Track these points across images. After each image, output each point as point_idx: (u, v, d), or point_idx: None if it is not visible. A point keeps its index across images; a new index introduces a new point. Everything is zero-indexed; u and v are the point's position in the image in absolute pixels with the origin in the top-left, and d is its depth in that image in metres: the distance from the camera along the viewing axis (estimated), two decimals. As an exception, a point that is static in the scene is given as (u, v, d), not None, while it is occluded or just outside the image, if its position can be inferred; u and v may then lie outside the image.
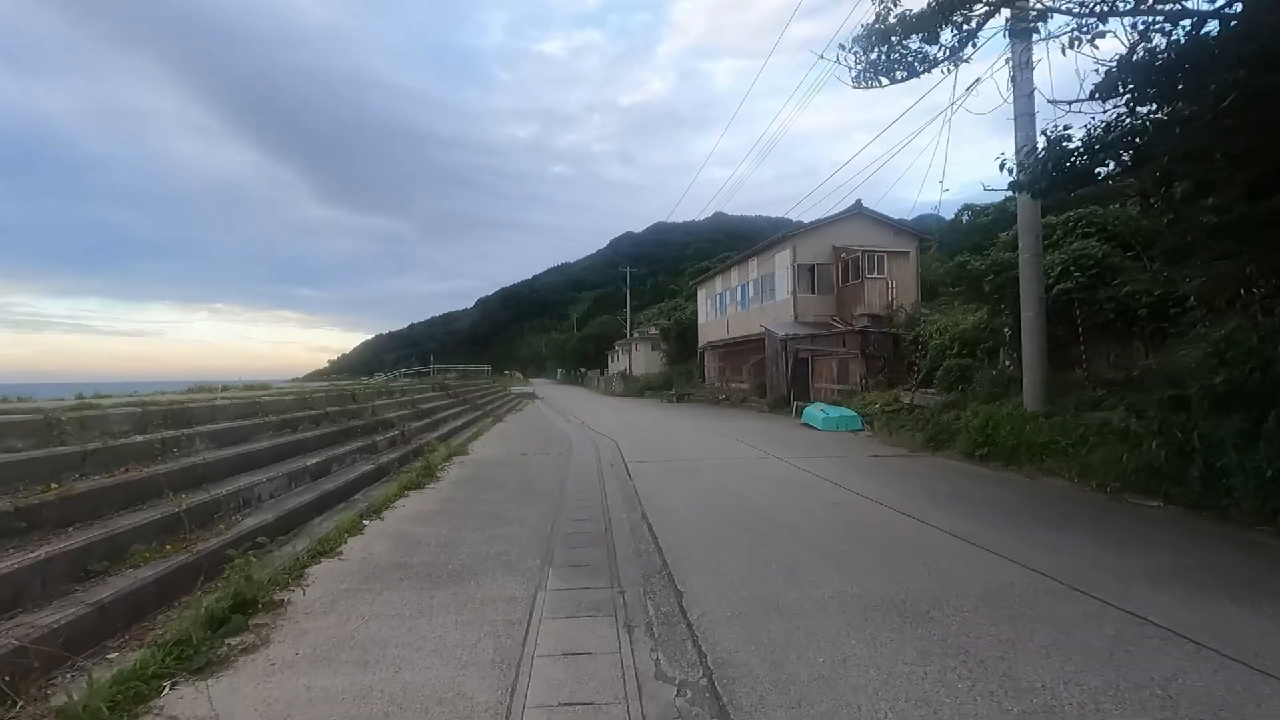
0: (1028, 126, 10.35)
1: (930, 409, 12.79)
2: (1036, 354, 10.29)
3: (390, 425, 11.10)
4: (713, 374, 37.81)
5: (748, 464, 10.08)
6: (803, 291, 27.70)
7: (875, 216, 28.22)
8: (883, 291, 25.85)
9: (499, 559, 5.11)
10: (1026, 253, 10.47)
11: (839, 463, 10.03)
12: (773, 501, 7.06)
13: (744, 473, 9.17)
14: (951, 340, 16.95)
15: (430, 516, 6.66)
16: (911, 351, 20.01)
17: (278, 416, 7.64)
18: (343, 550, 5.31)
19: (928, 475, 8.85)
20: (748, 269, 32.59)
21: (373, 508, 6.82)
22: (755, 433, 15.35)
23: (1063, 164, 6.15)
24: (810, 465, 9.68)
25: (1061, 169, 6.18)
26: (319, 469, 7.22)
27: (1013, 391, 11.80)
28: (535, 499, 7.55)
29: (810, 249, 27.84)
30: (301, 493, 6.35)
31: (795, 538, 5.54)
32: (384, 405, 12.19)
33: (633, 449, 12.26)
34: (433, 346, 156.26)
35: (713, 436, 14.68)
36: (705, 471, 9.35)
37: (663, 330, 48.49)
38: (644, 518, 6.48)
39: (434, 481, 8.75)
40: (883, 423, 14.16)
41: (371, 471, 8.18)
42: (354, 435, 9.18)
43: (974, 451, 9.82)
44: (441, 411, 15.91)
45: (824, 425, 15.61)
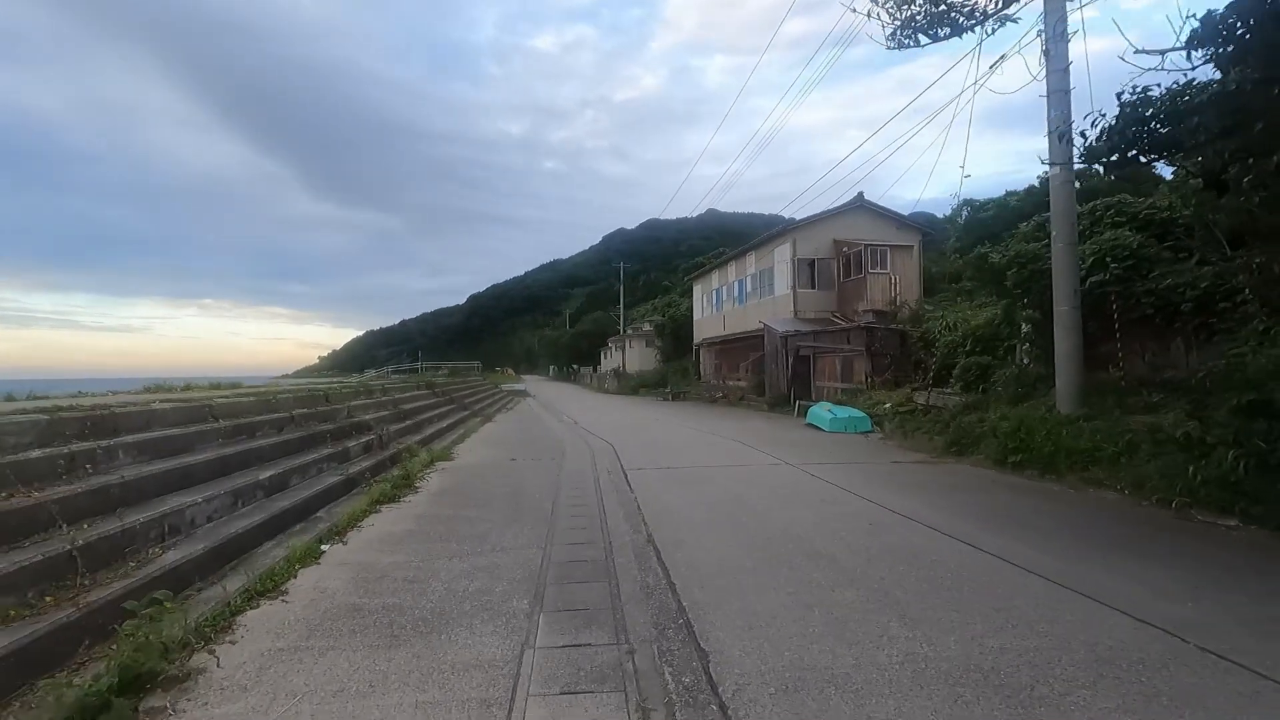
0: (1063, 104, 9.50)
1: (949, 410, 11.96)
2: (1071, 352, 9.46)
3: (366, 428, 10.14)
4: (708, 371, 36.96)
5: (758, 472, 9.20)
6: (803, 287, 26.89)
7: (877, 210, 27.45)
8: (886, 287, 25.07)
9: (478, 599, 4.20)
10: (1060, 242, 9.63)
11: (859, 471, 9.17)
12: (798, 521, 6.18)
13: (757, 483, 8.29)
14: (964, 337, 16.17)
15: (402, 539, 5.74)
16: (919, 349, 19.23)
17: (229, 422, 6.68)
18: (288, 588, 4.38)
19: (961, 486, 7.99)
20: (745, 264, 31.75)
21: (336, 528, 5.88)
22: (759, 434, 14.49)
23: (1140, 130, 5.29)
24: (829, 474, 8.81)
25: (1140, 136, 5.32)
26: (275, 482, 6.27)
27: (1040, 392, 11.00)
28: (524, 516, 6.63)
29: (810, 243, 27.02)
30: (249, 513, 5.41)
31: (836, 572, 4.65)
32: (361, 406, 11.22)
33: (631, 453, 11.36)
34: (424, 343, 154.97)
35: (714, 438, 13.80)
36: (713, 481, 8.46)
37: (657, 327, 47.57)
38: (650, 540, 5.58)
39: (411, 493, 7.82)
40: (895, 424, 13.33)
41: (339, 483, 7.23)
42: (322, 441, 8.23)
43: (1006, 458, 8.98)
44: (426, 412, 14.94)
45: (831, 426, 14.77)
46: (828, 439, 13.47)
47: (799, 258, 26.80)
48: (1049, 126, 9.65)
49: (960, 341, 16.21)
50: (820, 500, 7.08)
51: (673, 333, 44.27)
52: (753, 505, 6.90)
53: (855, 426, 14.67)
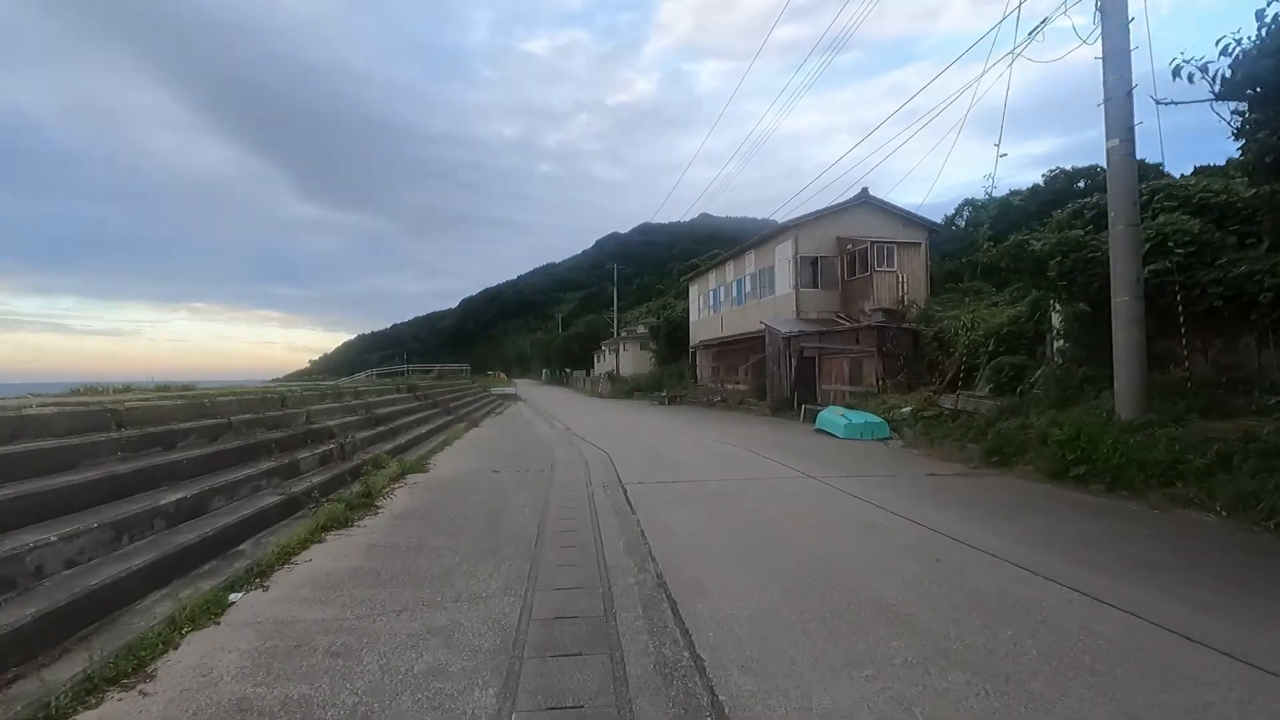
0: (1122, 66, 8.35)
1: (982, 415, 10.77)
2: (1133, 348, 8.29)
3: (328, 436, 8.85)
4: (706, 374, 35.77)
5: (777, 487, 7.97)
6: (805, 286, 25.76)
7: (882, 206, 26.40)
8: (892, 286, 23.99)
9: (424, 689, 2.94)
10: (1120, 224, 8.46)
11: (893, 485, 7.96)
12: (843, 554, 4.94)
13: (779, 501, 7.05)
14: (986, 336, 15.04)
15: (342, 582, 4.46)
16: (933, 350, 18.10)
17: (138, 431, 5.39)
18: (157, 669, 3.10)
19: (1021, 505, 6.78)
20: (744, 263, 30.61)
21: (258, 567, 4.60)
22: (769, 442, 13.26)
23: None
24: (860, 489, 7.59)
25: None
26: (187, 507, 4.98)
27: (1087, 394, 9.84)
28: (503, 546, 5.37)
29: (813, 240, 25.91)
30: (134, 552, 4.12)
31: (920, 638, 3.41)
32: (325, 411, 9.92)
33: (629, 463, 10.10)
34: (416, 346, 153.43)
35: (719, 446, 12.57)
36: (726, 498, 7.22)
37: (652, 329, 46.34)
38: (660, 583, 4.34)
39: (369, 515, 6.53)
40: (918, 431, 12.13)
41: (278, 505, 5.94)
42: (265, 452, 6.93)
43: (1066, 470, 7.78)
44: (404, 417, 13.63)
45: (846, 433, 13.57)
46: (844, 446, 12.26)
47: (801, 255, 25.67)
48: (1105, 93, 8.50)
49: (982, 341, 15.09)
50: (862, 524, 5.85)
51: (668, 335, 43.05)
52: (781, 531, 5.66)
53: (872, 433, 13.47)
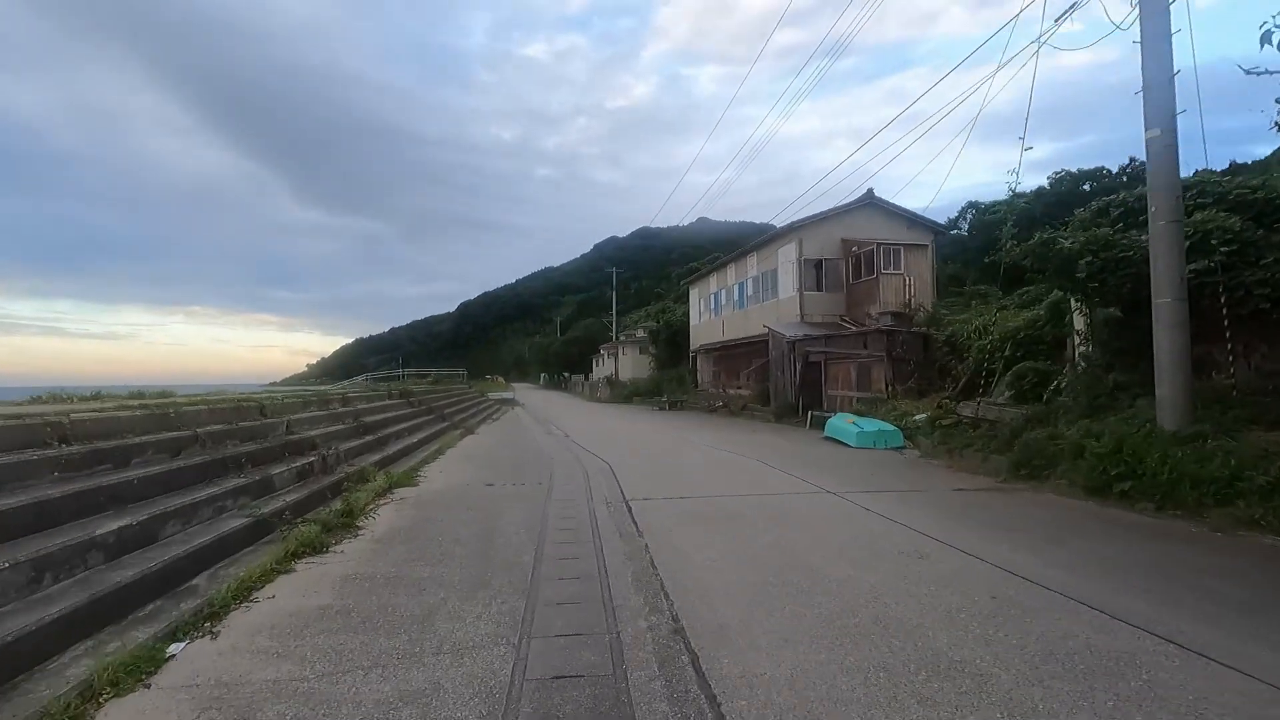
0: (1163, 51, 7.78)
1: (1006, 424, 10.16)
2: (1177, 353, 7.69)
3: (309, 448, 8.21)
4: (706, 379, 35.18)
5: (796, 504, 7.34)
6: (809, 289, 25.20)
7: (888, 207, 25.90)
8: (899, 288, 23.46)
9: (390, 785, 2.32)
10: (1161, 219, 7.87)
11: (921, 502, 7.34)
12: (886, 590, 4.31)
13: (800, 521, 6.41)
14: (1002, 340, 14.46)
15: (305, 626, 3.83)
16: (944, 354, 17.52)
17: (83, 447, 4.75)
18: (54, 759, 2.49)
19: (1068, 527, 6.15)
20: (746, 265, 30.05)
21: (210, 608, 3.97)
22: (775, 450, 12.64)
23: None
24: (886, 507, 6.97)
25: None
26: (134, 535, 4.35)
27: (1121, 402, 9.24)
28: (494, 577, 4.74)
29: (817, 242, 25.37)
30: (56, 596, 3.49)
31: (1001, 708, 2.79)
32: (308, 420, 9.28)
33: (632, 476, 9.47)
34: (414, 350, 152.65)
35: (726, 455, 11.94)
36: (743, 519, 6.59)
37: (651, 332, 45.74)
38: (679, 632, 3.70)
39: (348, 538, 5.90)
40: (936, 440, 11.53)
41: (244, 529, 5.30)
42: (235, 468, 6.29)
43: (1106, 486, 7.18)
44: (395, 425, 12.99)
45: (858, 441, 12.96)
46: (857, 456, 11.65)
47: (805, 258, 25.12)
48: (1144, 79, 7.93)
49: (998, 345, 14.51)
50: (899, 552, 5.22)
51: (668, 339, 42.47)
52: (809, 560, 5.03)
53: (886, 441, 12.87)
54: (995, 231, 37.65)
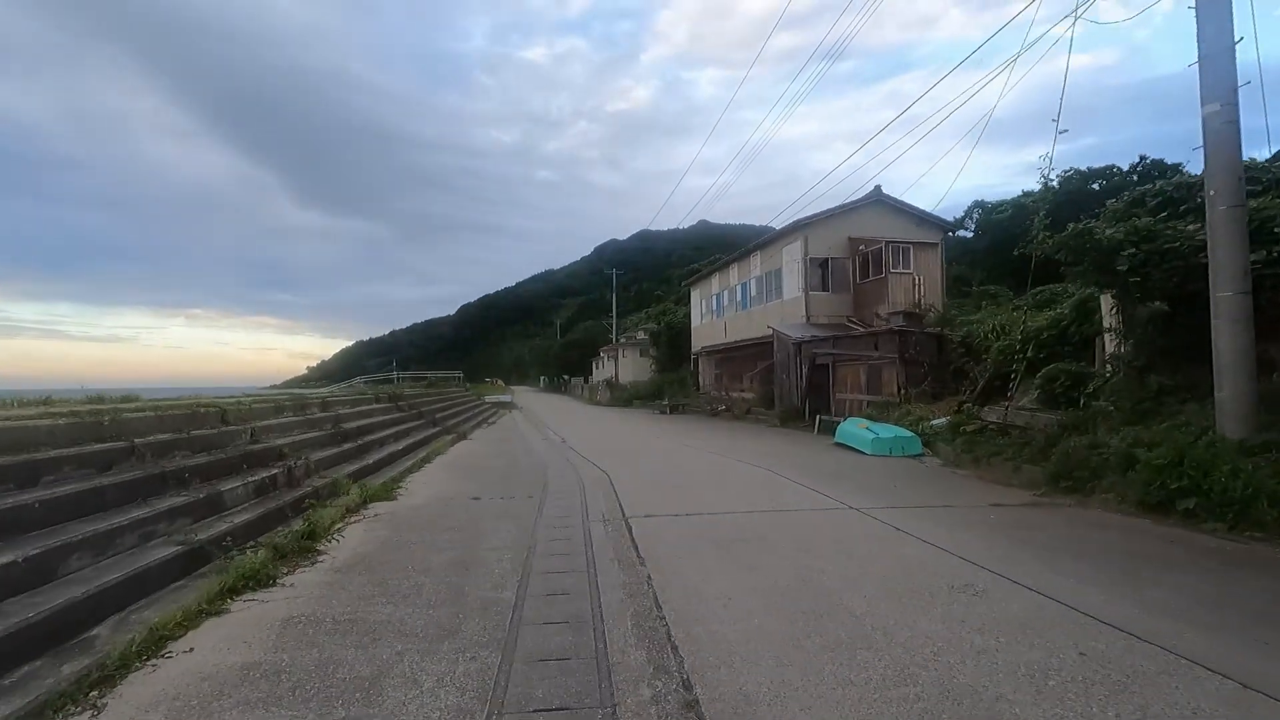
0: (1221, 14, 6.99)
1: (1039, 430, 9.35)
2: (1240, 353, 6.88)
3: (274, 458, 7.41)
4: (708, 381, 34.38)
5: (819, 523, 6.53)
6: (815, 289, 24.43)
7: (896, 205, 25.14)
8: (909, 288, 22.69)
9: None
10: (1222, 204, 7.05)
11: (960, 521, 6.51)
12: (946, 649, 3.47)
13: (827, 547, 5.58)
14: (1024, 341, 13.66)
15: (221, 694, 3.01)
16: (959, 356, 16.72)
17: (-26, 463, 3.96)
18: None
19: (1143, 555, 5.31)
20: (749, 265, 29.27)
21: (103, 669, 3.15)
22: (786, 458, 11.83)
23: None
24: (922, 527, 6.14)
25: None
26: (21, 574, 3.54)
27: (1168, 406, 8.44)
28: (466, 622, 3.92)
29: (823, 241, 24.60)
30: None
31: None
32: (277, 427, 8.48)
33: (633, 487, 8.66)
34: (414, 353, 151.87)
35: (734, 464, 11.13)
36: (761, 542, 5.77)
37: (652, 335, 44.97)
38: (693, 706, 2.88)
39: (304, 567, 5.09)
40: (959, 447, 10.72)
41: (172, 560, 4.48)
42: (176, 484, 5.48)
43: (1165, 502, 6.37)
44: (380, 431, 12.18)
45: (873, 449, 12.14)
46: (874, 465, 10.83)
47: (811, 257, 24.34)
48: (1200, 49, 7.14)
49: (1020, 346, 13.71)
50: (949, 587, 4.40)
51: (669, 341, 41.68)
52: (844, 599, 4.20)
53: (903, 448, 12.06)
54: (1004, 230, 36.92)
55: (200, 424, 6.89)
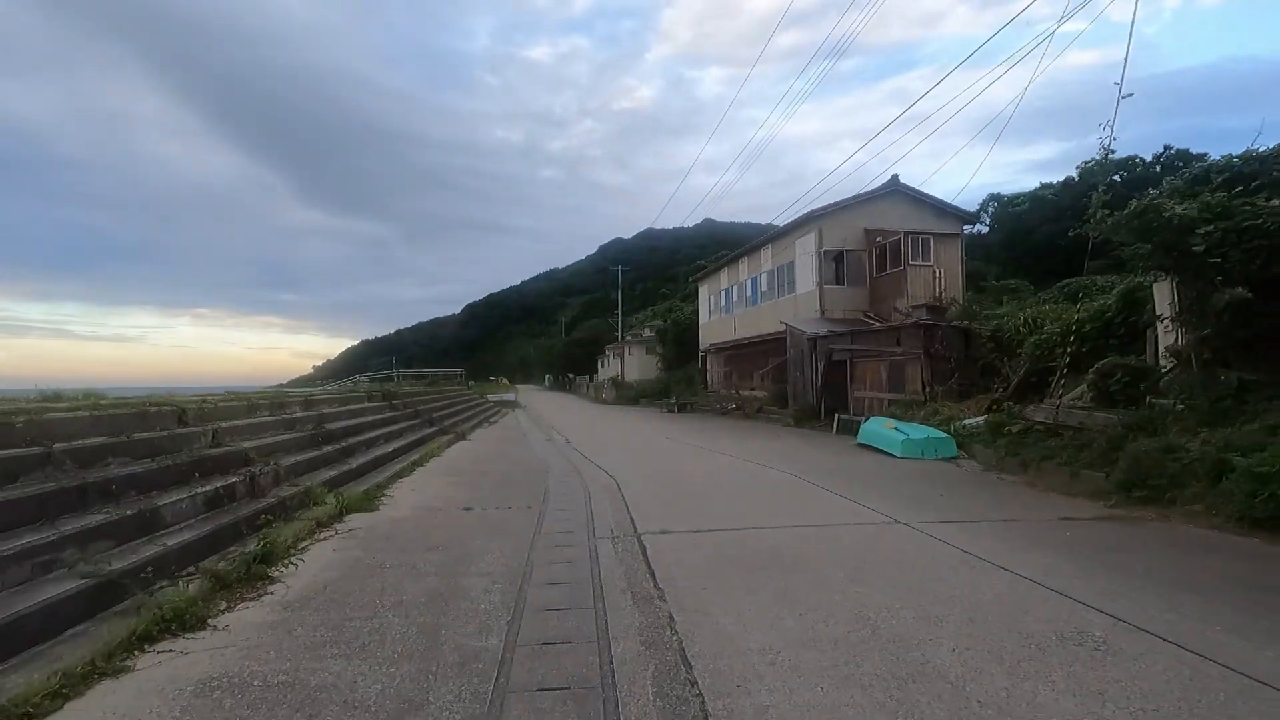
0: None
1: (1097, 432, 8.36)
2: (1357, 343, 5.90)
3: (237, 464, 6.50)
4: (717, 379, 33.42)
5: (870, 541, 5.56)
6: (829, 282, 23.42)
7: (914, 195, 24.11)
8: (928, 281, 21.66)
9: None
10: (1333, 168, 6.05)
11: (1034, 539, 5.53)
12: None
13: (891, 576, 4.58)
14: (1063, 334, 12.67)
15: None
16: (988, 351, 15.71)
17: None
18: None
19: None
20: (760, 259, 28.28)
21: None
22: (810, 461, 10.86)
23: None
24: (997, 550, 5.16)
25: None
26: None
27: (1251, 404, 7.44)
28: (435, 688, 2.97)
29: (838, 232, 23.59)
30: None
31: None
32: (245, 429, 7.56)
33: (644, 496, 7.72)
34: (419, 352, 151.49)
35: (755, 468, 10.18)
36: (804, 567, 4.81)
37: (659, 332, 44.00)
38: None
39: (248, 601, 4.16)
40: (1001, 449, 9.73)
41: (71, 598, 3.56)
42: (100, 498, 4.56)
43: (1274, 518, 5.39)
44: (369, 432, 11.28)
45: (904, 451, 11.16)
46: (908, 470, 9.85)
47: (825, 249, 23.33)
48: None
49: (1059, 339, 12.71)
50: (1058, 636, 3.43)
51: (675, 338, 40.70)
52: (929, 655, 3.23)
53: (936, 451, 11.07)
54: (1020, 224, 35.76)
55: (150, 425, 5.98)
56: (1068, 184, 36.50)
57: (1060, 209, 35.21)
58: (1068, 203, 35.34)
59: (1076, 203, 35.50)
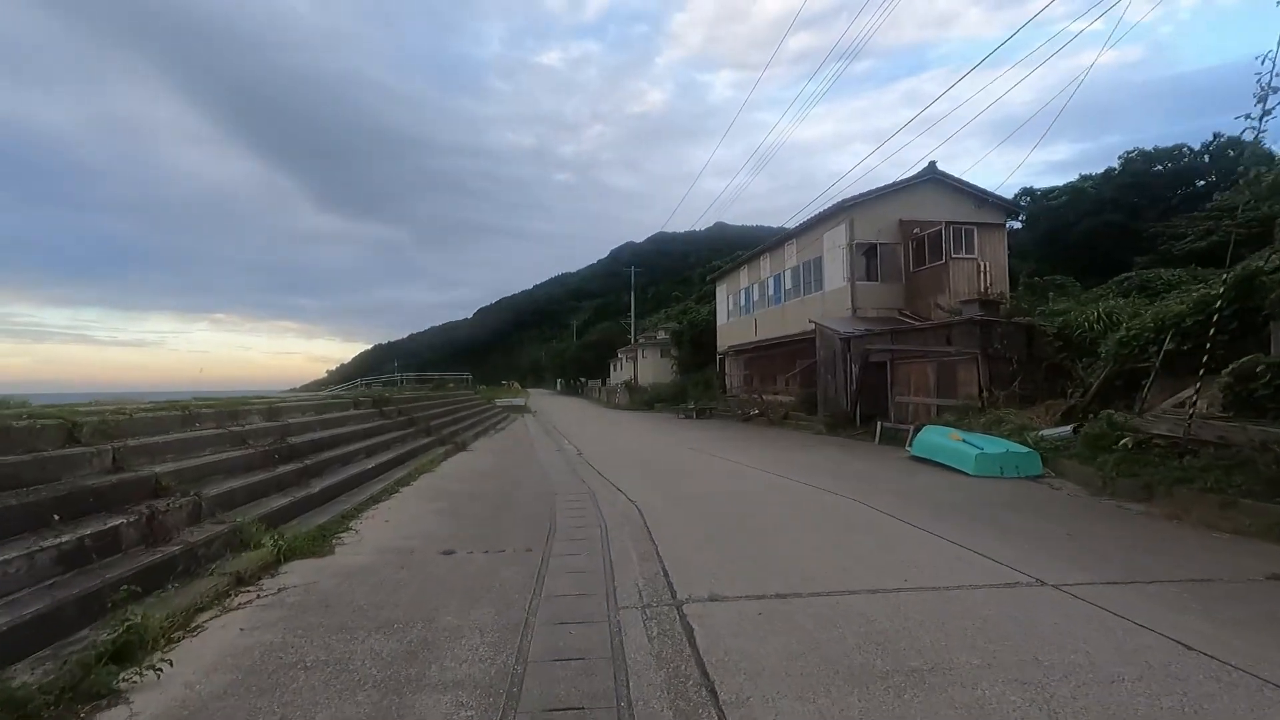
0: None
1: (1256, 448, 6.54)
2: None
3: (142, 495, 4.86)
4: (736, 383, 31.64)
5: (1028, 626, 3.80)
6: (861, 278, 21.64)
7: (954, 183, 22.30)
8: (972, 276, 19.84)
9: None
10: None
11: (1265, 619, 3.78)
12: None
13: (1111, 708, 2.88)
14: (1156, 330, 10.86)
15: None
16: (1054, 351, 13.85)
17: None
18: None
19: None
20: (783, 255, 26.52)
21: None
22: (867, 480, 9.10)
23: None
24: (1230, 648, 3.41)
25: None
26: None
27: None
28: None
29: (870, 224, 21.83)
30: None
31: None
32: (169, 446, 5.93)
33: (677, 531, 6.00)
34: (431, 356, 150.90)
35: (805, 489, 8.42)
36: (947, 679, 3.09)
37: (674, 334, 42.28)
38: None
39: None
40: (1109, 468, 7.92)
41: None
42: None
43: None
44: (347, 445, 9.65)
45: (978, 468, 9.36)
46: (993, 493, 8.06)
47: (857, 242, 21.55)
48: None
49: (1152, 336, 10.87)
50: None
51: (692, 340, 38.95)
52: None
53: (1019, 468, 9.26)
54: (1058, 218, 33.71)
55: (11, 446, 4.37)
56: (1108, 175, 34.45)
57: (1101, 202, 33.12)
58: (1110, 195, 33.27)
59: (1120, 195, 33.56)
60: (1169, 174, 32.94)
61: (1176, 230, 28.61)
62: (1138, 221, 31.19)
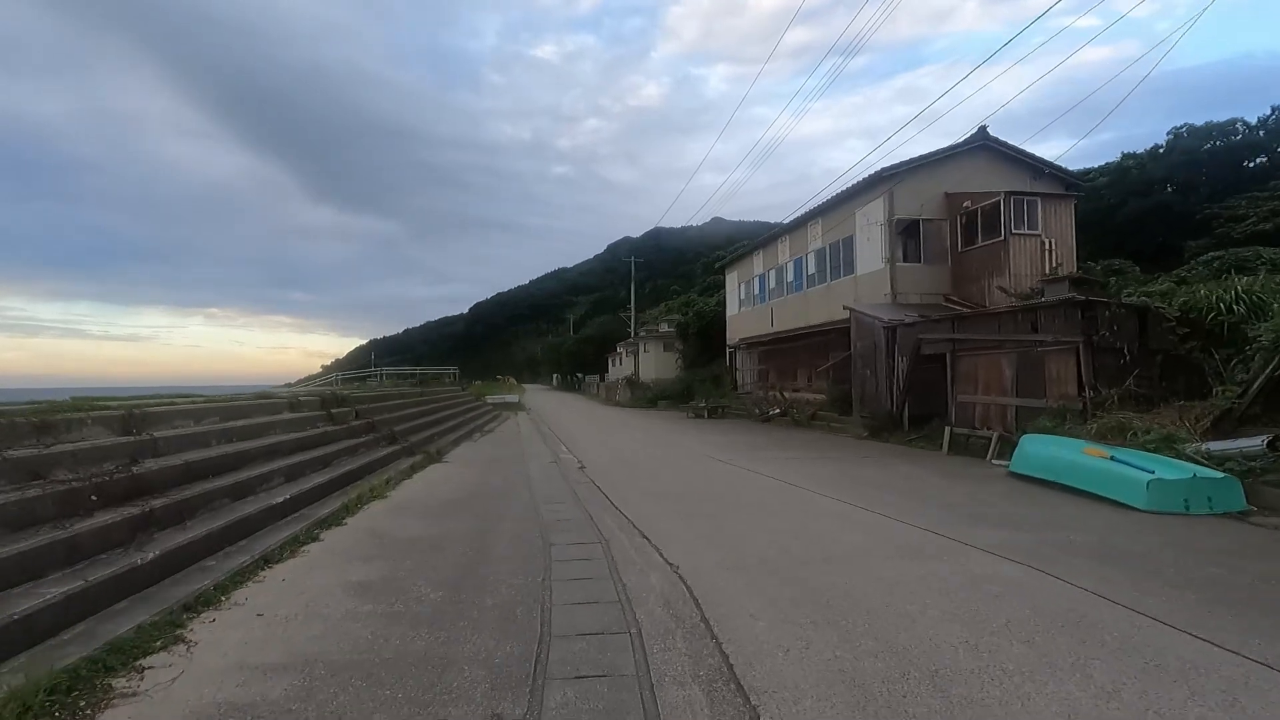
0: None
1: None
2: None
3: None
4: (749, 379, 28.89)
5: None
6: (900, 259, 18.94)
7: (1009, 151, 19.60)
8: (1035, 255, 17.15)
9: None
10: None
11: None
12: None
13: None
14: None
15: None
16: (1176, 341, 11.10)
17: None
18: None
19: None
20: (805, 237, 23.75)
21: None
22: (998, 522, 6.31)
23: None
24: None
25: None
26: None
27: None
28: None
29: (911, 198, 19.12)
30: None
31: None
32: None
33: (740, 606, 3.25)
34: (427, 350, 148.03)
35: (909, 532, 5.64)
36: None
37: (679, 326, 39.48)
38: None
39: None
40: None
41: None
42: None
43: None
44: (256, 467, 6.82)
45: (1152, 500, 6.58)
46: (1199, 540, 5.30)
47: (896, 217, 18.82)
48: None
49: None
50: None
51: (698, 333, 36.17)
52: None
53: (1214, 501, 6.50)
54: (1101, 199, 30.91)
55: None
56: (1155, 152, 31.65)
57: (1149, 181, 30.29)
58: (1160, 175, 30.46)
59: (1171, 174, 30.84)
60: (1220, 152, 30.18)
61: (1236, 212, 25.95)
62: (1187, 203, 28.50)
